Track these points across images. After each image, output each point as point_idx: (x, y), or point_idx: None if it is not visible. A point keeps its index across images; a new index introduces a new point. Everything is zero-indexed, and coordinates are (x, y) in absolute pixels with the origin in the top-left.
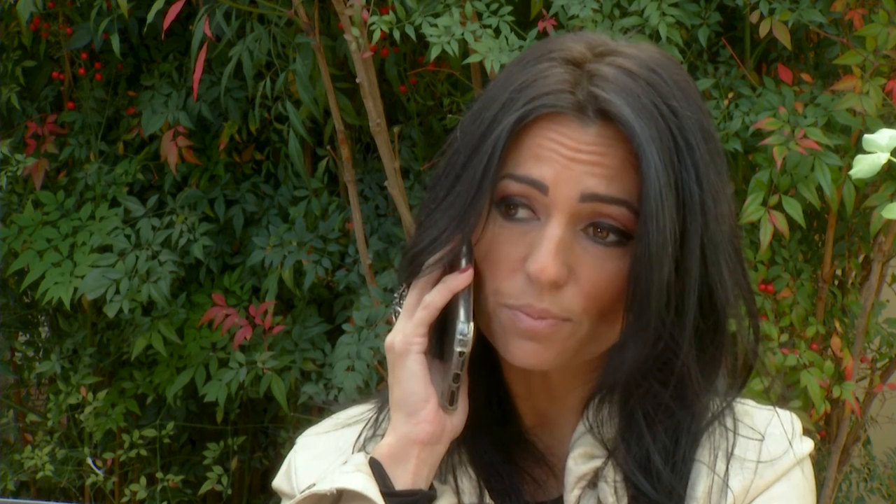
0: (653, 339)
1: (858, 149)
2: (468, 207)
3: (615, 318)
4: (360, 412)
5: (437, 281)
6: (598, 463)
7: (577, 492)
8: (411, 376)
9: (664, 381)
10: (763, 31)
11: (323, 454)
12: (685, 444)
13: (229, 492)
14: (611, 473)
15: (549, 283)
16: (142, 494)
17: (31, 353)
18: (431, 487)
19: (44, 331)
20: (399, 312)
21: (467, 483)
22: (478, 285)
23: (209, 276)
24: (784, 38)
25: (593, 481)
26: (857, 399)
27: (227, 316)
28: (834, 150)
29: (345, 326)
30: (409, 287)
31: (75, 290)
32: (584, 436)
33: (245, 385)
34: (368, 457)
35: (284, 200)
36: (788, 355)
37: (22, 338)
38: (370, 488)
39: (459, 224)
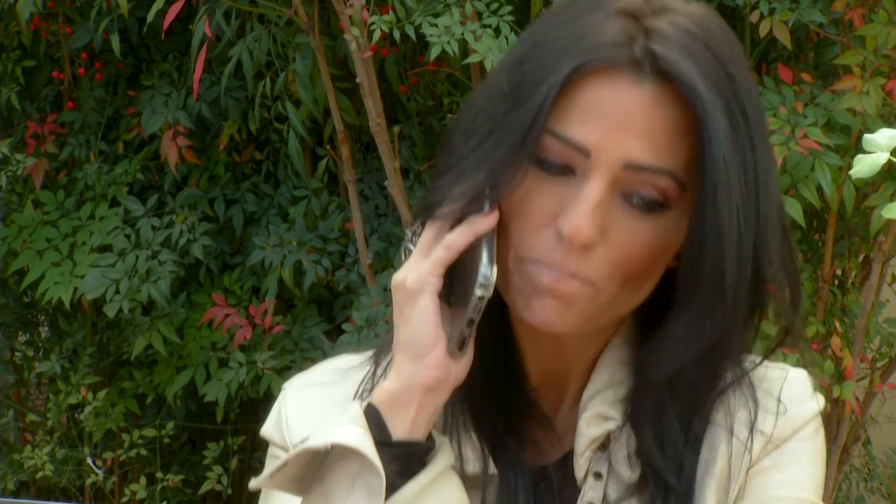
0: (717, 322)
1: (858, 149)
2: (506, 161)
3: (639, 286)
4: (354, 363)
5: (456, 224)
6: (611, 426)
7: (588, 454)
8: (423, 316)
9: (698, 357)
10: (763, 30)
11: (316, 406)
12: (702, 410)
13: (229, 492)
14: (624, 437)
15: (581, 244)
16: (142, 494)
17: (31, 353)
18: (430, 438)
19: (44, 331)
20: (411, 251)
21: (471, 452)
22: (499, 236)
23: (209, 276)
24: (784, 38)
25: (604, 444)
26: (857, 399)
27: (227, 316)
28: (834, 150)
29: (345, 326)
30: (423, 226)
31: (75, 289)
32: (596, 396)
33: (245, 385)
34: (365, 404)
35: (284, 200)
36: (788, 355)
37: (22, 338)
38: (366, 444)
39: (493, 177)
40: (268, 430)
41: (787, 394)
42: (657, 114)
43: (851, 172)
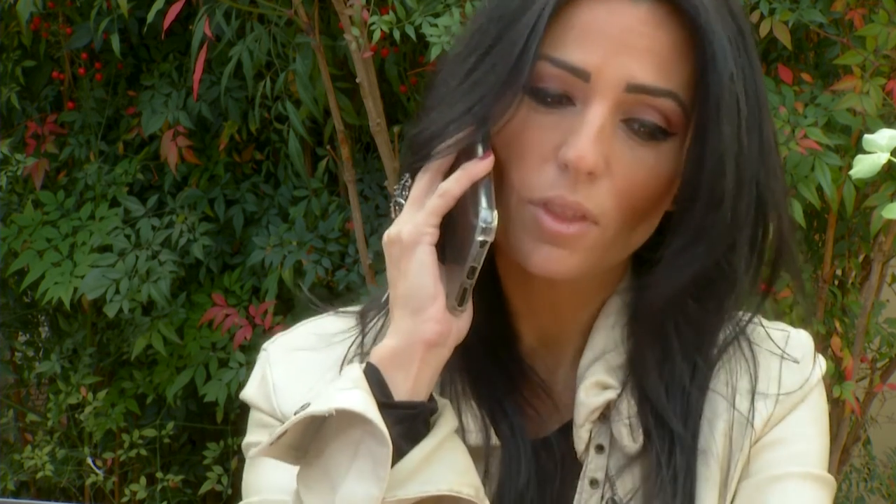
0: (714, 245)
1: (858, 149)
2: (498, 90)
3: (642, 221)
4: (340, 328)
5: (449, 170)
6: (611, 395)
7: (588, 426)
8: (421, 268)
9: (699, 296)
10: (763, 31)
11: (304, 372)
12: (702, 368)
13: (229, 492)
14: (625, 405)
15: (586, 171)
16: (142, 494)
17: (31, 353)
18: (431, 399)
19: (44, 331)
20: (402, 205)
21: (472, 422)
22: (497, 180)
23: (209, 276)
24: (784, 38)
25: (605, 413)
26: (857, 399)
27: (227, 316)
28: (834, 150)
29: None
30: (413, 178)
31: (75, 289)
32: (595, 363)
33: (245, 385)
34: (364, 365)
35: (284, 200)
36: None
37: (22, 338)
38: (371, 409)
39: (485, 108)
40: (251, 394)
41: (790, 358)
42: (657, 33)
43: (851, 173)
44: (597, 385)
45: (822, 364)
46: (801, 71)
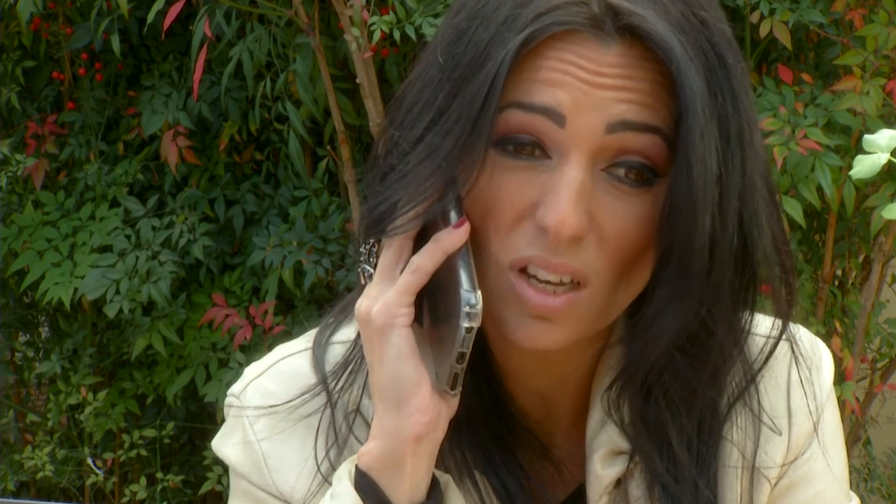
0: (696, 302)
1: (858, 149)
2: (462, 148)
3: (633, 277)
4: (311, 385)
5: (417, 237)
6: (624, 465)
7: (605, 499)
8: (398, 357)
9: (685, 350)
10: (763, 31)
11: (293, 434)
12: (710, 422)
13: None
14: (638, 471)
15: (570, 237)
16: (142, 494)
17: (31, 353)
18: (434, 483)
19: (44, 331)
20: (370, 273)
21: (472, 501)
22: (473, 243)
23: (209, 276)
24: (784, 39)
25: (618, 480)
26: (857, 399)
27: (227, 316)
28: (834, 150)
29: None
30: (379, 242)
31: (75, 290)
32: (602, 430)
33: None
34: (353, 469)
35: (284, 200)
36: None
37: (22, 338)
38: None
39: (449, 169)
40: (236, 460)
41: (796, 383)
42: (632, 73)
43: (851, 173)
44: (609, 454)
45: (828, 369)
46: (801, 71)
